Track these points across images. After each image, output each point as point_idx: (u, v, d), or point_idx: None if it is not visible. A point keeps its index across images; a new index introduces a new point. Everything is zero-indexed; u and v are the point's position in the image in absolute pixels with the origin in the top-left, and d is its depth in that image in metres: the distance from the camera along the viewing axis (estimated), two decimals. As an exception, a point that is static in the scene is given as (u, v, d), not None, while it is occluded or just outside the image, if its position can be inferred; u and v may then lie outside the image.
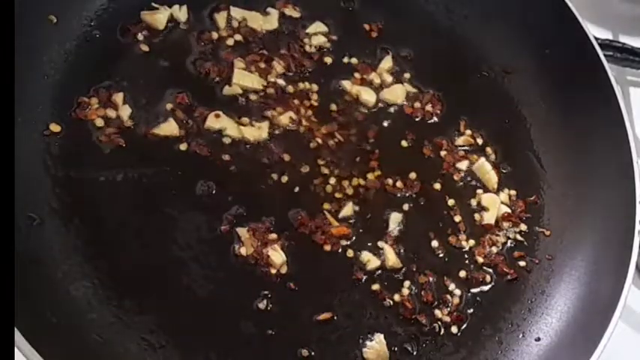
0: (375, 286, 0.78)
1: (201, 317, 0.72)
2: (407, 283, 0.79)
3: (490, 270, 0.82)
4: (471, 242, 0.83)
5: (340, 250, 0.79)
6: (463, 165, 0.87)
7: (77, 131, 0.77)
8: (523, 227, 0.86)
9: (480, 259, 0.82)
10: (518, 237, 0.85)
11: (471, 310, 0.80)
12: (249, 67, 0.85)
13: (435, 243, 0.82)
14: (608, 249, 0.81)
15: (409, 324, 0.77)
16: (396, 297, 0.78)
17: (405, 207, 0.83)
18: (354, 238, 0.79)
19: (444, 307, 0.79)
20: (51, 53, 0.79)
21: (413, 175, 0.84)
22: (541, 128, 0.92)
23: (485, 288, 0.82)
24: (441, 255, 0.82)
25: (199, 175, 0.78)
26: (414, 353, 0.76)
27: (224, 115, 0.81)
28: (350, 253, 0.78)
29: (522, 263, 0.84)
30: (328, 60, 0.89)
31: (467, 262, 0.82)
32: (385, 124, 0.87)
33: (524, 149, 0.91)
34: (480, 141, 0.90)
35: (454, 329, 0.78)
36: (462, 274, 0.81)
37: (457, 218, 0.84)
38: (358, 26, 0.93)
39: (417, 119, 0.89)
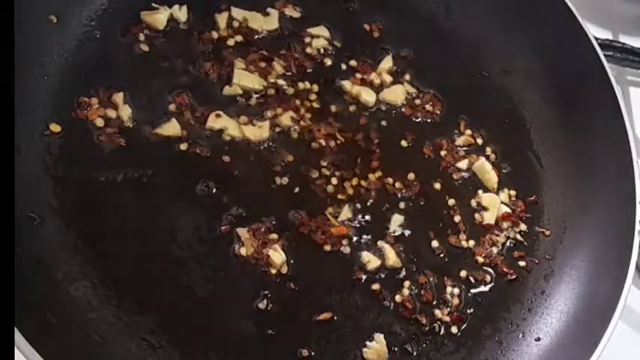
0: (375, 286, 0.78)
1: (201, 317, 0.72)
2: (407, 283, 0.79)
3: (490, 270, 0.83)
4: (471, 242, 0.83)
5: (340, 250, 0.79)
6: (463, 165, 0.87)
7: (77, 131, 0.77)
8: (523, 227, 0.86)
9: (480, 259, 0.82)
10: (518, 237, 0.85)
11: (471, 310, 0.80)
12: (249, 68, 0.85)
13: (435, 243, 0.82)
14: (608, 249, 0.81)
15: (409, 324, 0.77)
16: (396, 297, 0.78)
17: (406, 207, 0.83)
18: (354, 238, 0.79)
19: (444, 307, 0.79)
20: (51, 53, 0.79)
21: (413, 176, 0.84)
22: (541, 128, 0.92)
23: (485, 288, 0.82)
24: (441, 255, 0.82)
25: (199, 175, 0.78)
26: (414, 353, 0.76)
27: (225, 114, 0.81)
28: (350, 253, 0.79)
29: (522, 263, 0.84)
30: (328, 60, 0.89)
31: (467, 262, 0.82)
32: (385, 124, 0.87)
33: (524, 149, 0.91)
34: (480, 141, 0.90)
35: (454, 329, 0.78)
36: (462, 274, 0.81)
37: (457, 218, 0.84)
38: (358, 26, 0.93)
39: (417, 119, 0.89)
